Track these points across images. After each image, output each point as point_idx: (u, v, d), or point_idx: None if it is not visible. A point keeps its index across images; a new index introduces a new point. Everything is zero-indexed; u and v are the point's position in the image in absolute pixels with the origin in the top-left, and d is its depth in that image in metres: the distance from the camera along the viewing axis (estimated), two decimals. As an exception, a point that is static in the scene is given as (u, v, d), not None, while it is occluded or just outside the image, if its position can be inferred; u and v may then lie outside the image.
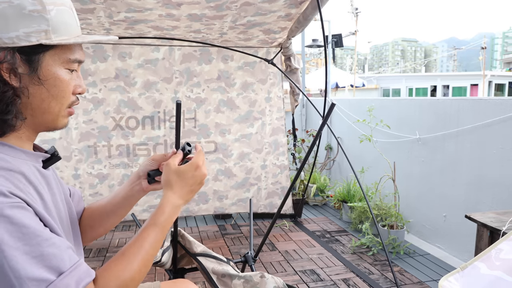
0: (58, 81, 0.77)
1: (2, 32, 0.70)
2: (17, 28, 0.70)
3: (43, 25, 0.72)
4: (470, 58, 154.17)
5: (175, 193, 0.90)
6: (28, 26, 0.71)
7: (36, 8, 0.72)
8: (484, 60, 19.15)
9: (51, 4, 0.74)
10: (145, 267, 0.80)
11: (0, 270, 0.63)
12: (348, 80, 13.87)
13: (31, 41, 0.71)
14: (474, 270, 1.44)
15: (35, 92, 0.75)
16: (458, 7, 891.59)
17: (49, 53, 0.75)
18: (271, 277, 1.65)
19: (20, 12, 0.70)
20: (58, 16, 0.75)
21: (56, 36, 0.74)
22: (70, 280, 0.67)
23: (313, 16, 2.72)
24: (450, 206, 3.01)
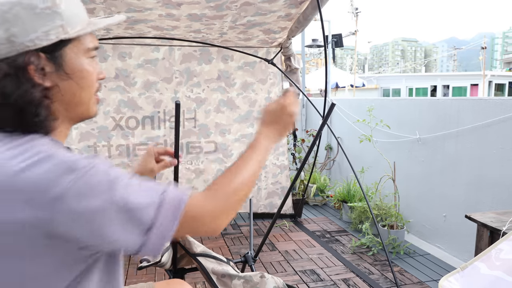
0: (85, 72, 0.79)
1: (23, 36, 0.70)
2: (35, 29, 0.71)
3: (57, 20, 0.73)
4: (470, 58, 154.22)
5: (267, 127, 0.99)
6: (44, 25, 0.71)
7: (47, 4, 0.72)
8: (484, 60, 19.15)
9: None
10: (247, 186, 0.86)
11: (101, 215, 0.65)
12: (348, 80, 13.86)
13: (51, 39, 0.72)
14: (474, 270, 1.44)
15: (66, 87, 0.77)
16: (458, 7, 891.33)
17: (69, 47, 0.76)
18: (271, 277, 1.65)
19: (33, 12, 0.71)
20: (69, 8, 0.75)
21: (71, 29, 0.75)
22: (176, 190, 0.73)
23: (313, 16, 2.72)
24: (450, 206, 3.01)
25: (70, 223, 0.64)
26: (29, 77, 0.72)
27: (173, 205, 0.70)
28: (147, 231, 0.67)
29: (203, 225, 0.76)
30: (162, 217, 0.69)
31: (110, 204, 0.66)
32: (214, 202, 0.78)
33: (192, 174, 3.57)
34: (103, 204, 0.65)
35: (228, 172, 0.85)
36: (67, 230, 0.65)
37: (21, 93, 0.71)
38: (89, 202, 0.65)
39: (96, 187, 0.66)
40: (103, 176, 0.67)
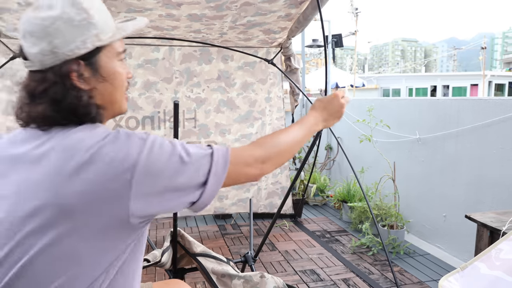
0: (117, 74, 0.88)
1: (63, 47, 0.78)
2: (74, 39, 0.79)
3: (92, 30, 0.81)
4: (470, 58, 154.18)
5: (316, 111, 1.12)
6: (82, 35, 0.80)
7: (83, 16, 0.80)
8: (484, 60, 19.15)
9: (92, 9, 0.82)
10: (289, 147, 0.99)
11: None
12: (348, 80, 13.85)
13: (88, 47, 0.81)
14: (474, 270, 1.44)
15: (102, 88, 0.85)
16: (458, 7, 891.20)
17: (103, 53, 0.84)
18: (271, 277, 1.66)
19: (71, 24, 0.79)
20: (100, 17, 0.84)
21: (104, 36, 0.83)
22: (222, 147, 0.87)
23: (313, 16, 2.71)
24: (450, 206, 3.01)
25: (149, 181, 0.74)
26: (72, 83, 0.80)
27: (222, 153, 0.83)
28: (207, 175, 0.80)
29: (249, 168, 0.89)
30: (216, 163, 0.81)
31: (176, 156, 0.78)
32: (260, 149, 0.91)
33: (192, 174, 3.57)
34: (170, 158, 0.77)
35: (274, 133, 0.99)
36: (144, 191, 0.74)
37: (70, 98, 0.80)
38: (161, 160, 0.76)
39: (163, 148, 0.78)
40: (165, 141, 0.80)
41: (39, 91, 0.80)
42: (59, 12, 0.78)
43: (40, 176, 0.75)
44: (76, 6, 0.79)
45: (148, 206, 0.76)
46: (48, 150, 0.77)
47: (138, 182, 0.73)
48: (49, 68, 0.79)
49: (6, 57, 2.83)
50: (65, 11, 0.78)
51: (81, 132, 0.79)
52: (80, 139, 0.77)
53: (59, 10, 0.78)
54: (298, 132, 1.04)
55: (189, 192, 0.79)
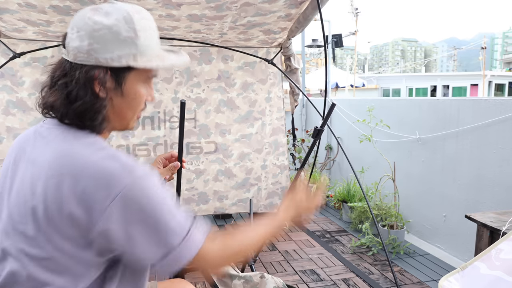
0: (138, 95, 0.90)
1: (99, 53, 0.82)
2: (112, 50, 0.82)
3: (133, 49, 0.84)
4: (470, 58, 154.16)
5: (287, 212, 1.18)
6: (121, 50, 0.83)
7: (130, 35, 0.83)
8: (484, 60, 19.13)
9: (142, 31, 0.85)
10: (253, 248, 1.02)
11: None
12: (348, 80, 13.85)
13: (122, 62, 0.83)
14: (474, 270, 1.44)
15: (117, 102, 0.87)
16: (458, 7, 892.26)
17: (134, 73, 0.87)
18: (271, 277, 1.66)
19: (117, 37, 0.82)
20: (145, 41, 0.86)
21: (141, 59, 0.85)
22: (200, 229, 0.86)
23: (313, 16, 2.71)
24: (450, 206, 3.01)
25: (114, 219, 0.75)
26: (93, 87, 0.83)
27: (194, 242, 0.82)
28: (167, 253, 0.79)
29: (207, 266, 0.90)
30: (182, 248, 0.80)
31: (150, 216, 0.77)
32: (222, 254, 0.90)
33: (192, 175, 3.57)
34: (145, 213, 0.77)
35: (244, 233, 1.02)
36: (108, 227, 0.75)
37: (84, 99, 0.83)
38: (135, 206, 0.76)
39: (144, 196, 0.77)
40: (153, 189, 0.79)
41: (60, 80, 0.84)
42: (111, 23, 0.82)
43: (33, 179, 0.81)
44: (129, 23, 0.83)
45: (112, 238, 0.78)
46: (45, 156, 0.81)
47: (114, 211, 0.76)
48: (79, 64, 0.83)
49: (6, 57, 2.83)
50: (117, 24, 0.82)
51: (82, 150, 0.81)
52: (81, 165, 0.78)
53: (112, 21, 0.82)
54: (266, 234, 1.08)
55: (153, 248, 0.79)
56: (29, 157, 0.85)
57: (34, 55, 3.03)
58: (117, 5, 0.85)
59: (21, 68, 3.06)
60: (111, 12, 0.83)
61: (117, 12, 0.83)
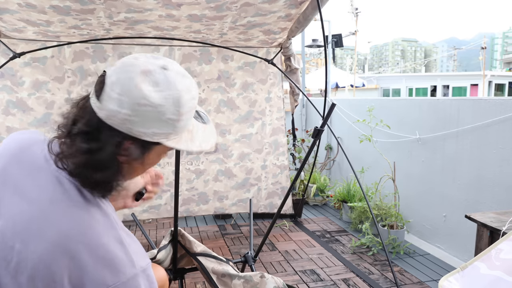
0: (154, 162, 0.88)
1: (136, 126, 0.75)
2: (149, 127, 0.76)
3: (170, 130, 0.79)
4: (470, 58, 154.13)
5: None
6: (159, 129, 0.77)
7: (173, 117, 0.78)
8: (484, 60, 19.13)
9: (185, 114, 0.80)
10: None
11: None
12: (348, 80, 13.86)
13: (153, 139, 0.78)
14: (474, 270, 1.44)
15: (133, 167, 0.85)
16: (458, 7, 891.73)
17: (160, 146, 0.82)
18: (271, 277, 1.66)
19: (159, 117, 0.76)
20: (185, 124, 0.82)
21: (173, 137, 0.81)
22: None
23: (313, 16, 2.72)
24: (450, 206, 3.01)
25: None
26: (119, 154, 0.78)
27: None
28: None
29: None
30: None
31: None
32: None
33: (192, 175, 3.57)
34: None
35: None
36: None
37: (109, 172, 0.78)
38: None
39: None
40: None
41: (83, 137, 0.76)
42: (159, 102, 0.75)
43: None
44: (176, 106, 0.77)
45: None
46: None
47: None
48: (108, 125, 0.75)
49: (6, 57, 2.84)
50: (164, 105, 0.75)
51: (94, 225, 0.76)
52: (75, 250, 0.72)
53: (161, 100, 0.75)
54: None
55: None
56: (24, 186, 0.78)
57: (34, 55, 3.04)
58: (170, 76, 0.77)
59: (21, 68, 3.06)
60: (161, 84, 0.75)
61: (168, 89, 0.76)
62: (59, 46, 2.99)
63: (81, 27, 2.69)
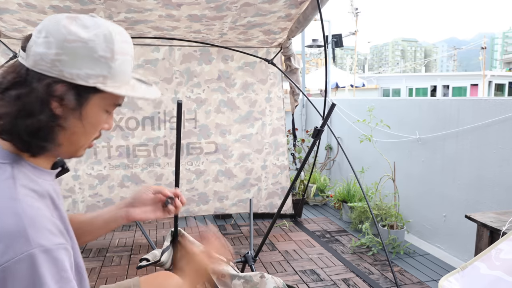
0: (96, 120, 0.80)
1: (66, 66, 0.71)
2: (81, 67, 0.72)
3: (104, 71, 0.75)
4: (470, 58, 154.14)
5: (189, 279, 1.10)
6: (91, 69, 0.73)
7: (106, 55, 0.74)
8: (484, 60, 19.14)
9: (120, 54, 0.76)
10: None
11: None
12: (348, 80, 13.86)
13: (88, 82, 0.73)
14: (474, 270, 1.44)
15: (72, 125, 0.77)
16: (458, 7, 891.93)
17: (98, 96, 0.77)
18: (271, 277, 1.66)
19: (90, 54, 0.73)
20: (121, 65, 0.77)
21: (110, 83, 0.76)
22: None
23: (313, 16, 2.72)
24: (450, 206, 3.01)
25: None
26: (51, 104, 0.73)
27: None
28: None
29: None
30: None
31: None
32: None
33: (192, 175, 3.57)
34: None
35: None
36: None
37: (41, 115, 0.72)
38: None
39: (34, 280, 0.63)
40: (49, 274, 0.65)
41: (12, 89, 0.72)
42: (89, 37, 0.73)
43: None
44: (108, 42, 0.74)
45: None
46: None
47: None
48: (37, 73, 0.72)
49: (6, 57, 2.84)
50: (95, 40, 0.73)
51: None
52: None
53: (91, 35, 0.73)
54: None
55: None
56: None
57: (34, 55, 3.03)
58: (98, 20, 0.76)
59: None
60: (90, 26, 0.74)
61: (97, 28, 0.74)
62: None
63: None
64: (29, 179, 0.75)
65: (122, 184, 3.40)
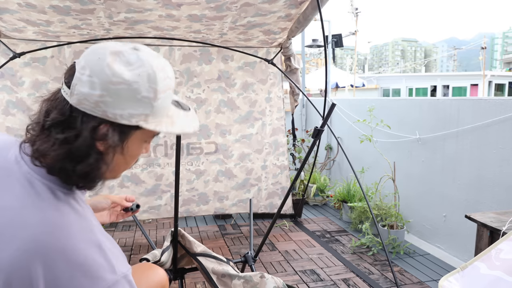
0: (136, 152, 0.83)
1: (110, 108, 0.72)
2: (124, 108, 0.73)
3: (147, 110, 0.75)
4: (470, 58, 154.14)
5: None
6: (134, 109, 0.74)
7: (149, 95, 0.74)
8: (484, 60, 19.14)
9: (161, 93, 0.76)
10: None
11: None
12: (348, 80, 13.86)
13: (131, 121, 0.74)
14: (474, 270, 1.44)
15: (115, 158, 0.79)
16: (458, 7, 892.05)
17: (140, 131, 0.78)
18: (271, 277, 1.66)
19: (134, 96, 0.73)
20: (162, 103, 0.78)
21: (153, 120, 0.77)
22: None
23: (313, 16, 2.72)
24: (450, 206, 3.01)
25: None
26: (97, 145, 0.75)
27: None
28: None
29: None
30: None
31: None
32: None
33: (192, 175, 3.57)
34: None
35: None
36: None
37: (90, 160, 0.74)
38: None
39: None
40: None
41: (58, 129, 0.73)
42: (133, 79, 0.72)
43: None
44: (151, 82, 0.74)
45: None
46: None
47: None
48: (81, 111, 0.72)
49: (6, 57, 2.84)
50: (138, 81, 0.73)
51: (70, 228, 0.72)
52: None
53: (134, 77, 0.72)
54: None
55: None
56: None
57: (34, 55, 3.04)
58: (142, 55, 0.75)
59: (21, 68, 3.06)
60: (134, 63, 0.73)
61: (141, 66, 0.73)
62: (59, 46, 2.99)
63: (81, 27, 2.69)
64: (84, 208, 0.79)
65: (122, 184, 3.40)
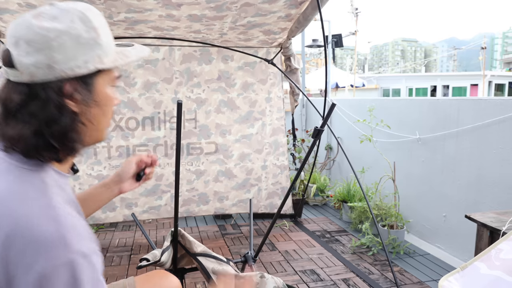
0: (110, 99, 0.82)
1: (63, 63, 0.70)
2: (76, 57, 0.72)
3: (97, 50, 0.75)
4: (470, 58, 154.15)
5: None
6: (85, 54, 0.73)
7: (92, 35, 0.74)
8: (484, 60, 19.16)
9: (100, 28, 0.76)
10: None
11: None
12: (348, 80, 13.87)
13: (89, 68, 0.73)
14: (474, 270, 1.44)
15: (92, 113, 0.78)
16: (458, 7, 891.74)
17: (101, 76, 0.77)
18: (271, 277, 1.66)
19: (78, 41, 0.72)
20: (106, 38, 0.77)
21: (107, 59, 0.76)
22: None
23: (313, 16, 2.72)
24: (450, 206, 3.01)
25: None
26: (66, 103, 0.72)
27: None
28: None
29: None
30: None
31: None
32: None
33: (192, 175, 3.57)
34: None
35: None
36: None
37: (64, 120, 0.72)
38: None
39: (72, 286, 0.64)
40: (73, 283, 0.64)
41: (23, 109, 0.71)
42: (66, 26, 0.71)
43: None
44: (86, 23, 0.73)
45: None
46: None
47: None
48: (38, 83, 0.70)
49: (6, 58, 2.84)
50: (73, 26, 0.71)
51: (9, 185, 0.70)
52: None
53: (66, 24, 0.71)
54: None
55: None
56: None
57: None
58: (61, 6, 0.73)
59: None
60: (58, 14, 0.72)
61: (67, 14, 0.72)
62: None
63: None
64: (58, 186, 0.76)
65: (122, 184, 3.40)
